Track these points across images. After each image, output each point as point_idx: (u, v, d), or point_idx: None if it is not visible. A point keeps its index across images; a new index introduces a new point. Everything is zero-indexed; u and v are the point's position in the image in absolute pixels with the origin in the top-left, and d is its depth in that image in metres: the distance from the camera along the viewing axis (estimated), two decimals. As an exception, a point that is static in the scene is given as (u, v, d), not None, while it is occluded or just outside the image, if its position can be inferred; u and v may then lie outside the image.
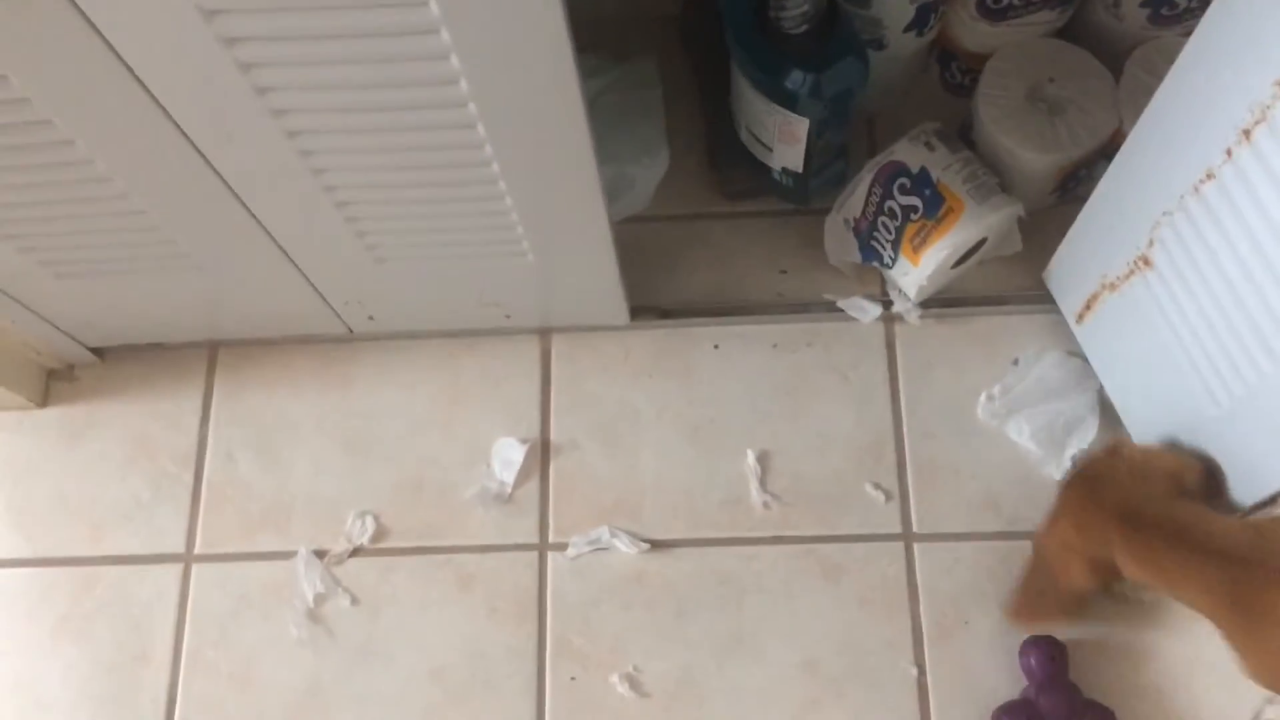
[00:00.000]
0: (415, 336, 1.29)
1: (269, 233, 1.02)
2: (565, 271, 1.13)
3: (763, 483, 1.21)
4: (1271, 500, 1.00)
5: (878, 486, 1.20)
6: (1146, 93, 0.96)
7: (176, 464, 1.26)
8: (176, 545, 1.22)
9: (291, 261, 1.08)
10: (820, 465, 1.21)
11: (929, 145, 1.17)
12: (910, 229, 1.17)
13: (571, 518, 1.21)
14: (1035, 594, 1.09)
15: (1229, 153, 0.85)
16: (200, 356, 1.30)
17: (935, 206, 1.15)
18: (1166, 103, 0.93)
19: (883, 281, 1.28)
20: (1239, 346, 0.94)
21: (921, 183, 1.16)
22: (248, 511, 1.23)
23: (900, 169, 1.17)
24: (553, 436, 1.24)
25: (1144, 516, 0.96)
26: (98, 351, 1.30)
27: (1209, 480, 1.01)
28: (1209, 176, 0.89)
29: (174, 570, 1.21)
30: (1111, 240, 1.08)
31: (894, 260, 1.20)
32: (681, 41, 1.37)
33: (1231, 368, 0.96)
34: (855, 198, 1.20)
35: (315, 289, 1.15)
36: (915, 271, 1.18)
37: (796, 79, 1.08)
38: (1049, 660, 1.09)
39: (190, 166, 0.90)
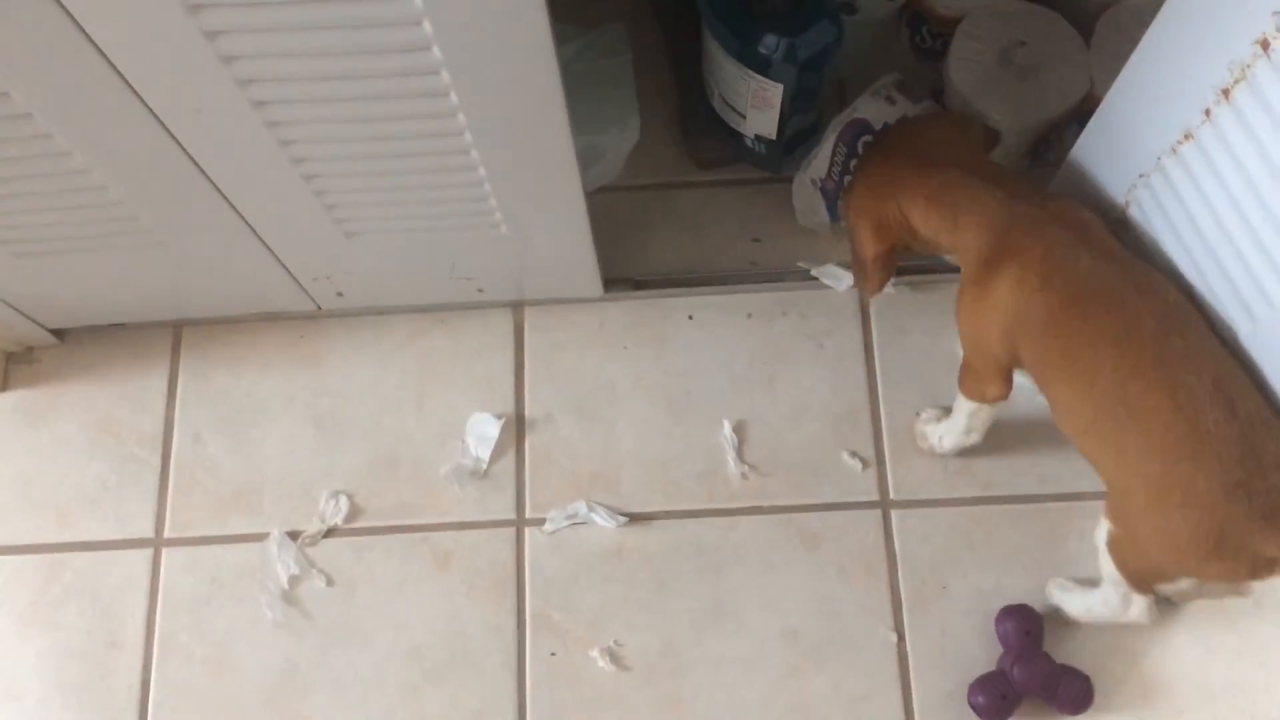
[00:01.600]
0: (385, 312, 1.27)
1: (235, 208, 1.00)
2: (538, 243, 1.12)
3: (740, 453, 1.21)
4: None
5: (854, 454, 1.20)
6: (1118, 55, 0.97)
7: (143, 447, 1.23)
8: (145, 529, 1.20)
9: (258, 237, 1.06)
10: (797, 434, 1.21)
11: (890, 99, 1.17)
12: None
13: (548, 492, 1.20)
14: (857, 271, 1.13)
15: (1207, 113, 0.85)
16: (165, 336, 1.28)
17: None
18: (1143, 63, 0.93)
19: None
20: (1216, 305, 0.95)
21: None
22: (218, 493, 1.21)
23: (863, 126, 1.16)
24: (528, 411, 1.23)
25: (934, 159, 1.03)
26: (58, 333, 1.27)
27: (991, 135, 1.07)
28: (1187, 137, 0.90)
29: (143, 555, 1.19)
30: (1087, 203, 1.07)
31: None
32: (651, 7, 1.35)
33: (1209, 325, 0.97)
34: (820, 158, 1.19)
35: (283, 265, 1.13)
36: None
37: (770, 43, 1.07)
38: (1024, 632, 1.10)
39: (154, 139, 0.88)
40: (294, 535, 1.19)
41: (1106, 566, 1.01)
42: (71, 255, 1.08)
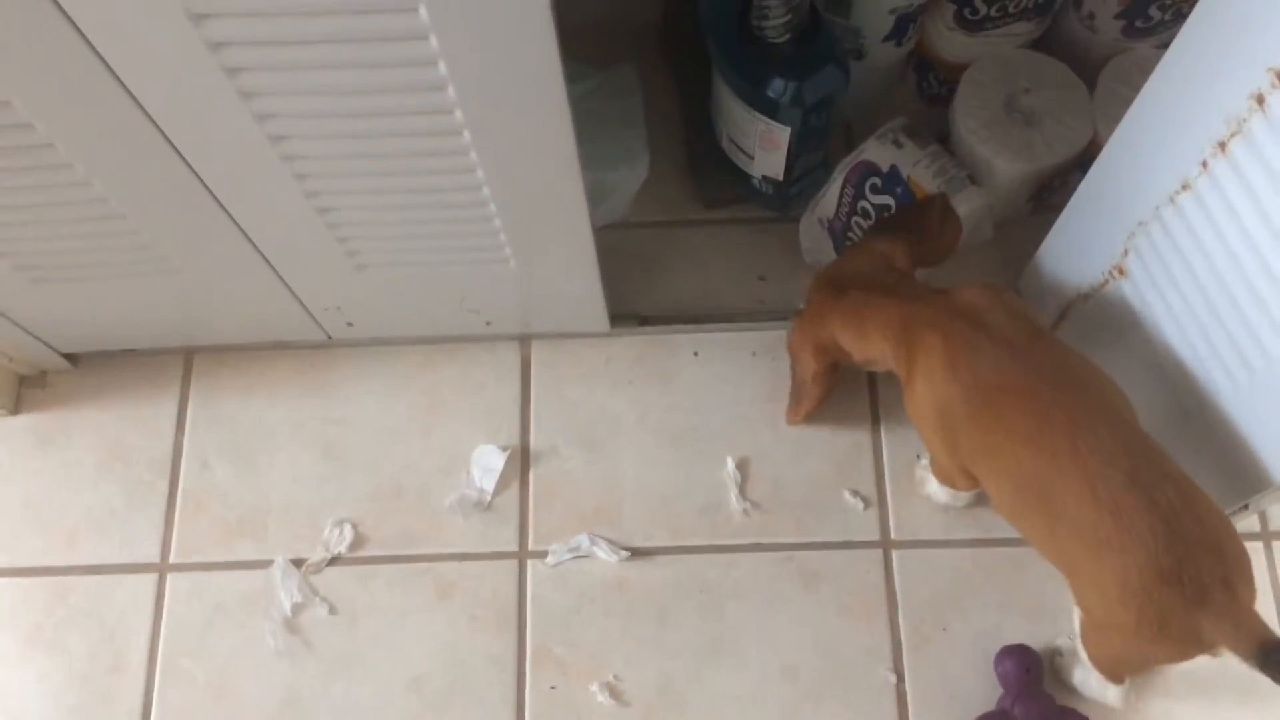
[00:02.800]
0: (394, 343, 1.28)
1: (249, 237, 1.01)
2: (546, 278, 1.13)
3: (742, 490, 1.21)
4: (1244, 508, 1.02)
5: (856, 494, 1.21)
6: (1121, 104, 0.98)
7: (151, 471, 1.24)
8: (151, 554, 1.21)
9: (270, 267, 1.07)
10: (799, 472, 1.22)
11: (897, 143, 1.18)
12: None
13: (551, 525, 1.20)
14: (793, 394, 1.18)
15: (1204, 164, 0.86)
16: (176, 362, 1.29)
17: (907, 203, 1.16)
18: (1142, 115, 0.94)
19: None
20: (1212, 356, 0.95)
21: (892, 181, 1.17)
22: (224, 519, 1.22)
23: (870, 169, 1.18)
24: (533, 443, 1.24)
25: (852, 283, 1.08)
26: (71, 358, 1.28)
27: (915, 254, 1.10)
28: (1185, 187, 0.90)
29: (149, 579, 1.20)
30: (1087, 250, 1.09)
31: None
32: (662, 49, 1.37)
33: (1205, 376, 0.98)
34: (828, 199, 1.21)
35: (294, 295, 1.14)
36: (892, 269, 1.19)
37: (778, 87, 1.09)
38: (1023, 670, 1.10)
39: (171, 170, 0.89)
40: (298, 563, 1.19)
41: (1082, 652, 1.04)
42: (86, 281, 1.09)
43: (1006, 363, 0.96)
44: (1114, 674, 1.04)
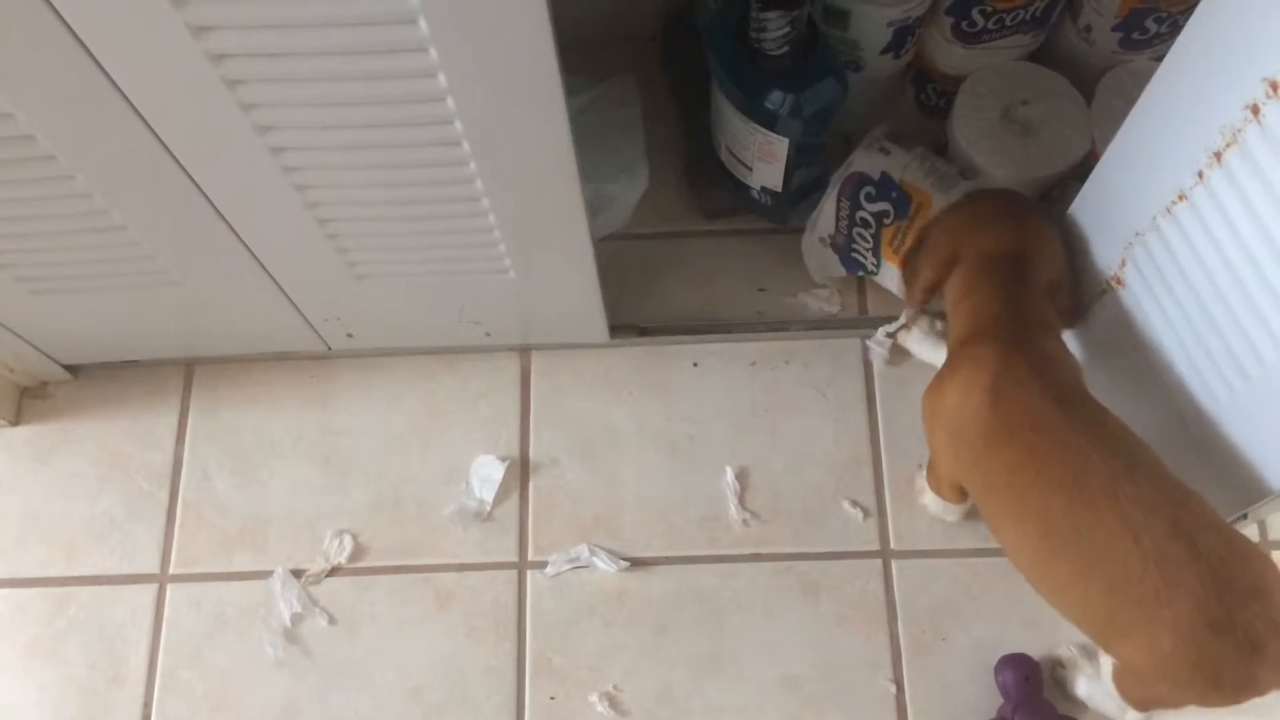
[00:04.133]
0: (394, 354, 1.29)
1: (249, 249, 1.02)
2: (546, 288, 1.13)
3: (741, 500, 1.21)
4: (1243, 517, 1.02)
5: (855, 504, 1.21)
6: (1118, 115, 0.98)
7: (151, 482, 1.24)
8: (151, 565, 1.21)
9: (271, 277, 1.08)
10: (798, 482, 1.22)
11: (883, 150, 1.18)
12: (887, 233, 1.18)
13: (551, 535, 1.21)
14: (909, 270, 1.12)
15: (1200, 175, 0.87)
16: (176, 374, 1.29)
17: (905, 206, 1.16)
18: (1138, 126, 0.94)
19: (861, 293, 1.30)
20: (1209, 364, 0.96)
21: (885, 187, 1.17)
22: (224, 530, 1.22)
23: (862, 179, 1.18)
24: (532, 454, 1.24)
25: (1013, 252, 1.03)
26: (72, 369, 1.29)
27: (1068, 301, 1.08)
28: (1181, 198, 0.91)
29: (148, 590, 1.20)
30: (1085, 260, 1.09)
31: (878, 266, 1.21)
32: (661, 61, 1.38)
33: (1202, 385, 0.98)
34: (825, 215, 1.21)
35: (294, 305, 1.15)
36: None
37: (777, 99, 1.09)
38: (1023, 679, 1.10)
39: (172, 181, 0.90)
40: (298, 573, 1.20)
41: (1110, 686, 1.00)
42: (88, 293, 1.10)
43: (1049, 408, 0.93)
44: (1147, 709, 1.01)
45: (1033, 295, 1.02)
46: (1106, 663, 0.99)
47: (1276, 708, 1.05)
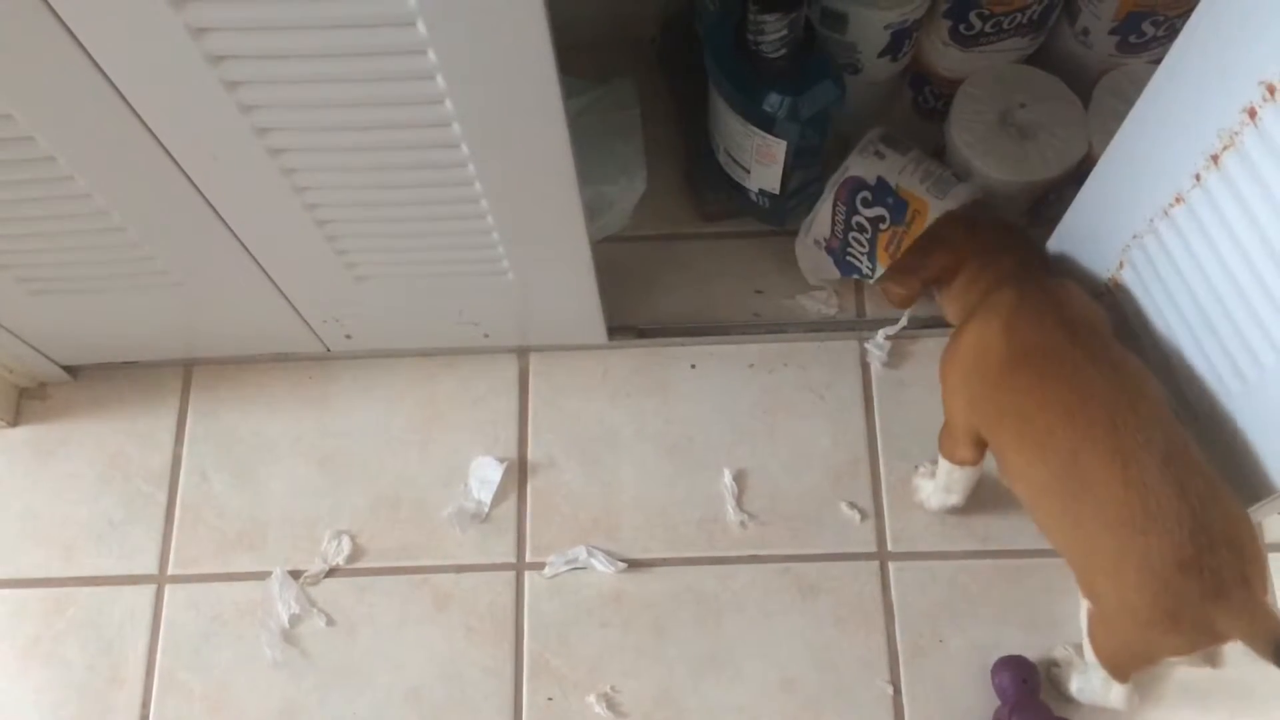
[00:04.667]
0: (392, 355, 1.29)
1: (248, 250, 1.02)
2: (544, 290, 1.13)
3: (739, 502, 1.21)
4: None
5: (853, 505, 1.21)
6: (1115, 118, 0.99)
7: (150, 483, 1.24)
8: (149, 566, 1.21)
9: (269, 279, 1.08)
10: (796, 484, 1.22)
11: (879, 154, 1.18)
12: (882, 238, 1.18)
13: (549, 537, 1.21)
14: (897, 268, 1.14)
15: (1198, 178, 0.87)
16: (175, 375, 1.29)
17: (901, 212, 1.17)
18: (1136, 128, 0.95)
19: (859, 295, 1.30)
20: (1207, 367, 0.96)
21: (882, 192, 1.17)
22: (222, 531, 1.22)
23: (858, 184, 1.18)
24: (530, 455, 1.24)
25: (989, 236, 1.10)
26: (71, 370, 1.29)
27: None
28: (1178, 200, 0.91)
29: (147, 591, 1.20)
30: (1083, 263, 1.10)
31: (873, 270, 1.21)
32: (660, 64, 1.38)
33: (1200, 387, 0.98)
34: (821, 219, 1.21)
35: (293, 307, 1.15)
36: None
37: (774, 101, 1.09)
38: (1020, 681, 1.10)
39: (171, 182, 0.90)
40: (296, 574, 1.20)
41: (1088, 650, 1.02)
42: (87, 294, 1.10)
43: (1062, 336, 0.96)
44: (1119, 669, 1.02)
45: (1039, 259, 1.08)
46: (1084, 622, 1.00)
47: (1273, 704, 1.07)
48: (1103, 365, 0.95)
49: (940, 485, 1.15)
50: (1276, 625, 0.86)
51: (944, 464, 1.12)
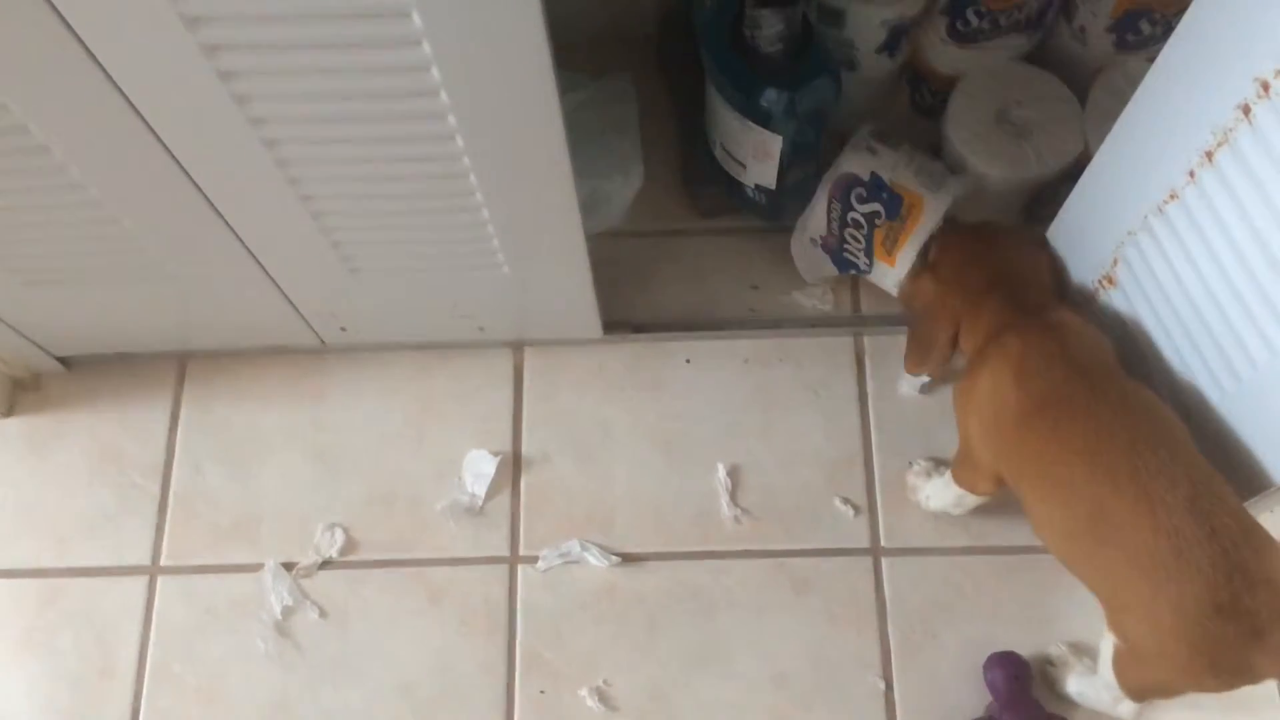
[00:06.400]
0: (387, 348, 1.28)
1: (243, 242, 1.02)
2: (540, 284, 1.13)
3: (733, 497, 1.21)
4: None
5: (847, 501, 1.21)
6: (1111, 116, 0.99)
7: (143, 475, 1.24)
8: (142, 557, 1.21)
9: (265, 271, 1.08)
10: (790, 480, 1.22)
11: (871, 150, 1.18)
12: (878, 234, 1.18)
13: (543, 531, 1.20)
14: (918, 345, 1.14)
15: (1191, 174, 0.87)
16: (169, 367, 1.29)
17: (896, 207, 1.17)
18: (1131, 126, 0.95)
19: (855, 292, 1.30)
20: (1200, 364, 0.96)
21: (876, 188, 1.17)
22: (215, 524, 1.22)
23: (852, 181, 1.18)
24: (524, 449, 1.24)
25: (982, 266, 1.09)
26: (65, 361, 1.29)
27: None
28: (1172, 197, 0.91)
29: (139, 583, 1.20)
30: (1077, 260, 1.10)
31: (870, 266, 1.21)
32: (657, 60, 1.38)
33: (1194, 384, 0.99)
34: (816, 216, 1.21)
35: (288, 300, 1.14)
36: (893, 272, 1.19)
37: (771, 97, 1.09)
38: (1012, 678, 1.10)
39: (165, 173, 0.90)
40: (289, 567, 1.19)
41: (1107, 673, 1.00)
42: (81, 285, 1.10)
43: (1073, 381, 0.95)
44: (1143, 699, 1.02)
45: (1037, 291, 1.06)
46: (1106, 650, 0.99)
47: (1265, 707, 1.07)
48: (1117, 406, 0.93)
49: (949, 500, 1.15)
50: None
51: (958, 490, 1.12)
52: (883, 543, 1.20)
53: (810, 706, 1.13)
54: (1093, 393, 0.94)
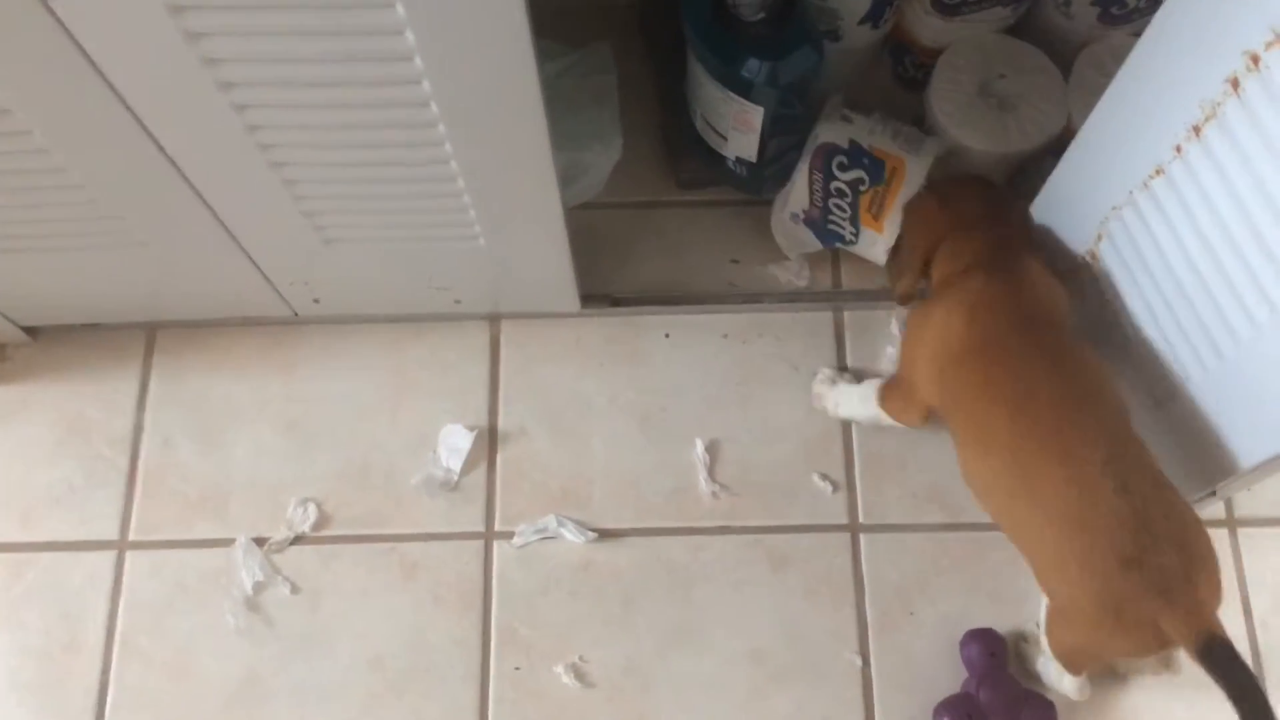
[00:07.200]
0: (362, 320, 1.27)
1: (213, 210, 1.00)
2: (517, 256, 1.12)
3: (711, 472, 1.21)
4: (1212, 494, 1.02)
5: (825, 477, 1.21)
6: (1096, 90, 0.98)
7: (111, 448, 1.22)
8: (110, 531, 1.19)
9: (236, 240, 1.05)
10: (769, 455, 1.21)
11: (845, 119, 1.18)
12: (864, 200, 1.17)
13: (519, 506, 1.20)
14: (899, 266, 1.15)
15: (1178, 149, 0.86)
16: (138, 338, 1.27)
17: (879, 171, 1.16)
18: (1117, 100, 0.94)
19: (835, 267, 1.29)
20: (1183, 341, 0.96)
21: (857, 154, 1.16)
22: (185, 497, 1.20)
23: (832, 149, 1.17)
24: (501, 424, 1.23)
25: (966, 208, 1.10)
26: (31, 331, 1.26)
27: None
28: (1158, 172, 0.90)
29: (107, 557, 1.18)
30: (1061, 235, 1.09)
31: (856, 235, 1.20)
32: (638, 29, 1.36)
33: (1177, 362, 0.98)
34: (798, 190, 1.20)
35: (260, 270, 1.12)
36: (882, 239, 1.19)
37: (753, 67, 1.07)
38: (989, 654, 1.10)
39: (133, 140, 0.88)
40: (260, 541, 1.18)
41: (1044, 640, 1.03)
42: (48, 253, 1.07)
43: (1016, 328, 0.97)
44: (1073, 664, 1.04)
45: (1018, 241, 1.07)
46: (1044, 614, 1.01)
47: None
48: (1053, 360, 0.95)
49: (862, 414, 1.17)
50: (1209, 622, 0.86)
51: (876, 410, 1.13)
52: (861, 519, 1.19)
53: (787, 682, 1.13)
54: (1031, 343, 0.96)
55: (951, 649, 1.13)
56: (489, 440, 1.22)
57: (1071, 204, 1.06)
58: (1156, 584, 0.86)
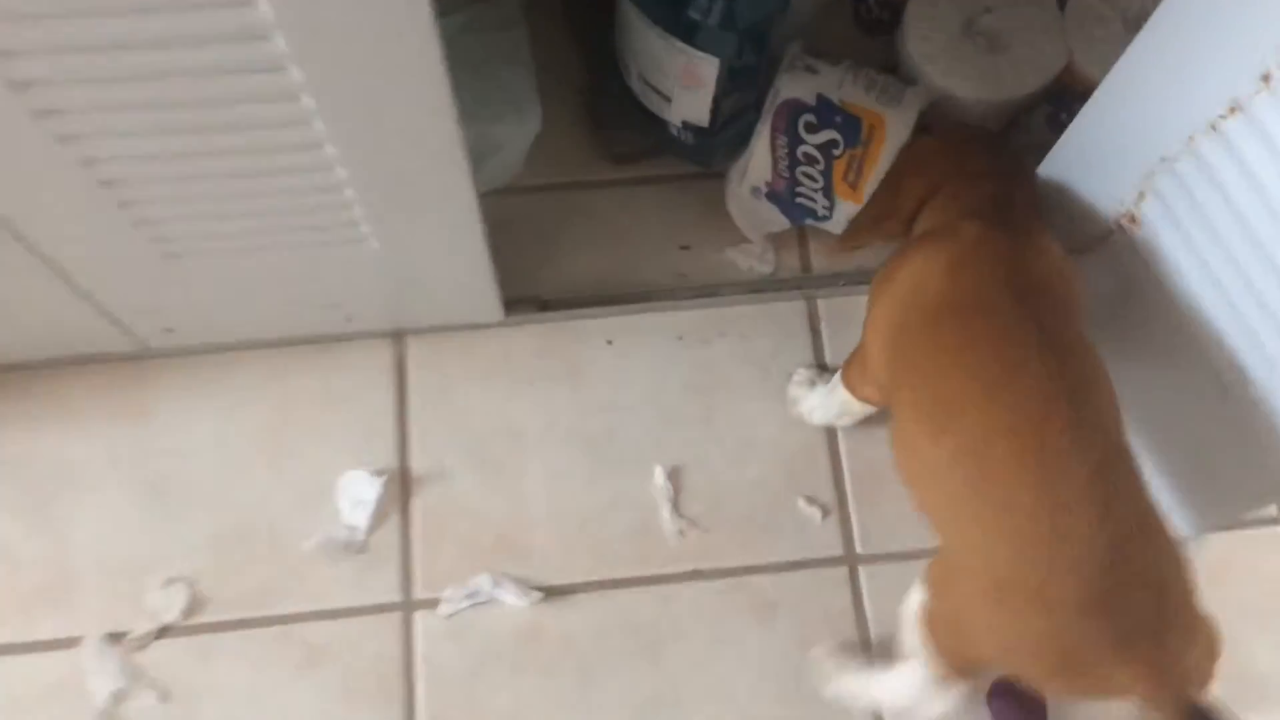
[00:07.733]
0: (230, 349, 1.14)
1: (16, 232, 0.82)
2: (420, 259, 1.00)
3: (676, 505, 1.10)
4: None
5: (812, 501, 1.10)
6: (1098, 21, 0.89)
7: (-86, 533, 1.05)
8: (-77, 638, 1.01)
9: (46, 263, 0.89)
10: (743, 479, 1.11)
11: (810, 69, 1.08)
12: (838, 166, 1.07)
13: (443, 566, 1.07)
14: (866, 215, 1.03)
15: (1267, 78, 0.72)
16: (-58, 389, 1.10)
17: (854, 130, 1.05)
18: (1175, 19, 0.79)
19: (803, 247, 1.18)
20: (1262, 317, 0.82)
21: (827, 111, 1.06)
22: (14, 589, 1.04)
23: (797, 107, 1.06)
24: (414, 465, 1.11)
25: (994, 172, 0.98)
26: None
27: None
28: (1233, 110, 0.76)
29: (-79, 671, 1.00)
30: (1086, 196, 0.96)
31: (831, 208, 1.10)
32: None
33: (1250, 345, 0.84)
34: (758, 160, 1.10)
35: (87, 297, 0.97)
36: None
37: (703, 6, 0.94)
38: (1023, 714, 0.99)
39: None
40: (117, 638, 1.02)
41: (911, 638, 0.90)
42: None
43: (1011, 298, 0.84)
44: (955, 672, 0.89)
45: (1024, 209, 0.94)
46: (911, 602, 0.90)
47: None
48: (1052, 342, 0.83)
49: (833, 410, 1.07)
50: (1186, 688, 0.76)
51: (844, 393, 1.03)
52: (858, 549, 1.09)
53: (787, 757, 1.01)
54: (1026, 315, 0.84)
55: (976, 699, 1.00)
56: (401, 486, 1.10)
57: (1100, 158, 0.93)
58: (1121, 635, 0.77)
